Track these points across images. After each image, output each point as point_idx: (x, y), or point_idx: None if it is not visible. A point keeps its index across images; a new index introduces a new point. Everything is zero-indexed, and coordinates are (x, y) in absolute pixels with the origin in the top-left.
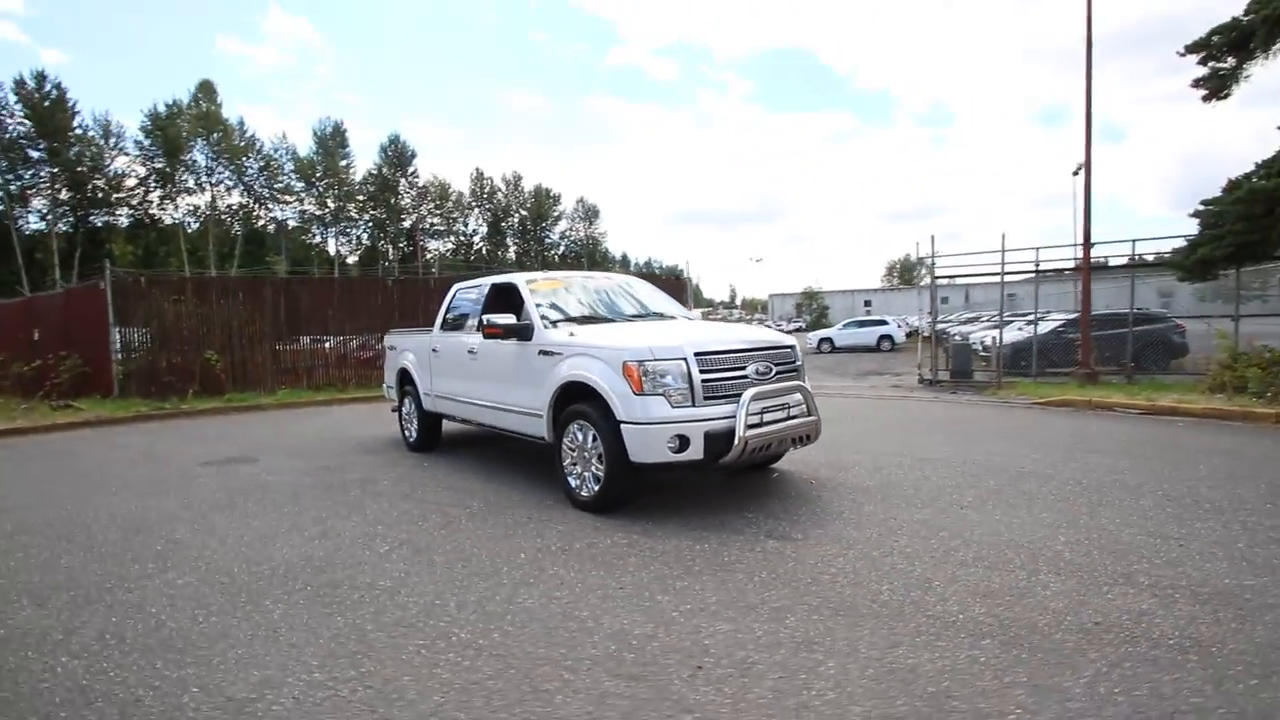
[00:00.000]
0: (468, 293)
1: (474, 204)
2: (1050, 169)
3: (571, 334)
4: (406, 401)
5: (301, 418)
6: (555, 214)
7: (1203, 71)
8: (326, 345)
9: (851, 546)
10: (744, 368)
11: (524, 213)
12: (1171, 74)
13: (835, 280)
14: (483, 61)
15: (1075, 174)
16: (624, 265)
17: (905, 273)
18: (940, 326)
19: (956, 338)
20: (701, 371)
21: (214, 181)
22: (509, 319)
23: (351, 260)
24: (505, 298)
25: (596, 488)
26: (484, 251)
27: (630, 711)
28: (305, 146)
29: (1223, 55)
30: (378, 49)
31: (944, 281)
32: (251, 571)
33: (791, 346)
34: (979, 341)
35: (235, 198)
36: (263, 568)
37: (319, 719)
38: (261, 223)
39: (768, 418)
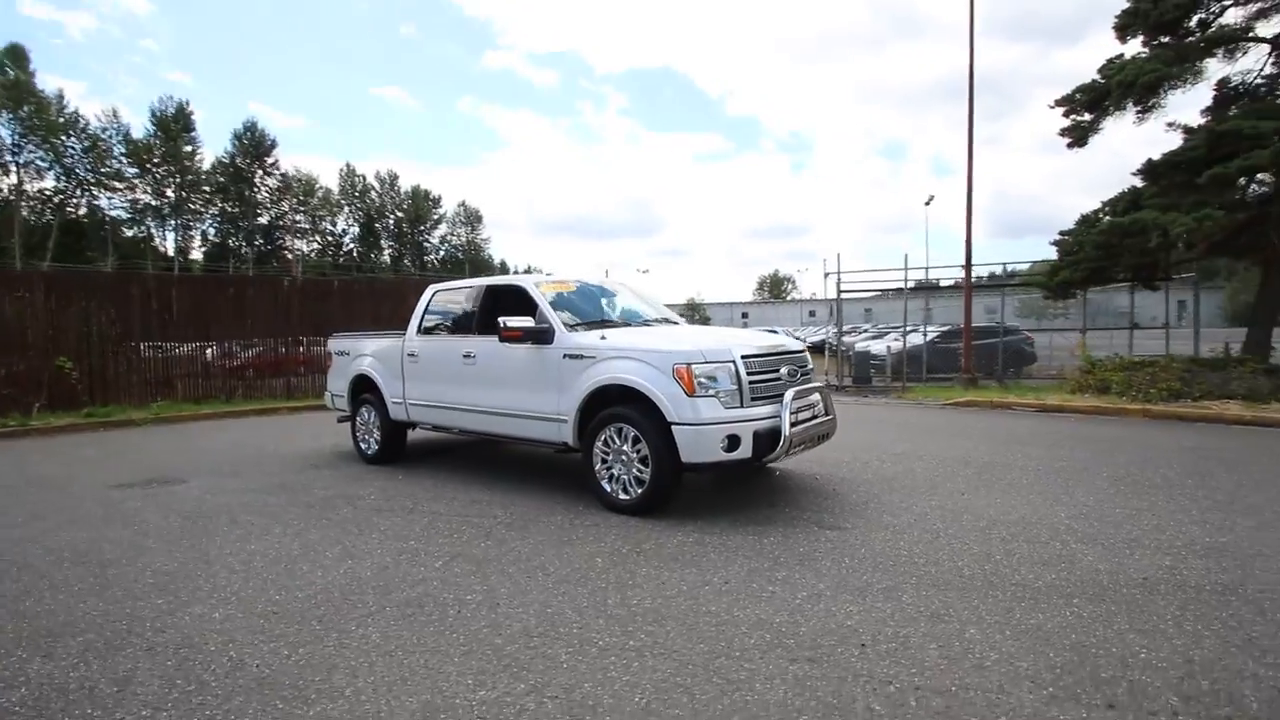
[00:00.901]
0: (452, 295)
1: (344, 202)
2: (891, 199)
3: (603, 337)
4: (365, 411)
5: (196, 433)
6: (435, 217)
7: (1066, 123)
8: (209, 352)
9: (900, 532)
10: (779, 370)
11: (400, 214)
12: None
13: (712, 293)
14: (348, 52)
15: (927, 204)
16: (504, 273)
17: (775, 287)
18: (820, 338)
19: (856, 348)
20: (748, 374)
21: (21, 161)
22: (527, 322)
23: (196, 257)
24: (504, 301)
25: (640, 491)
26: (355, 254)
27: (835, 688)
28: (140, 128)
29: (1083, 110)
30: (220, 26)
31: (847, 296)
32: (299, 598)
33: (806, 351)
34: (869, 350)
35: (50, 182)
36: (307, 593)
37: None
38: (82, 211)
39: (801, 416)
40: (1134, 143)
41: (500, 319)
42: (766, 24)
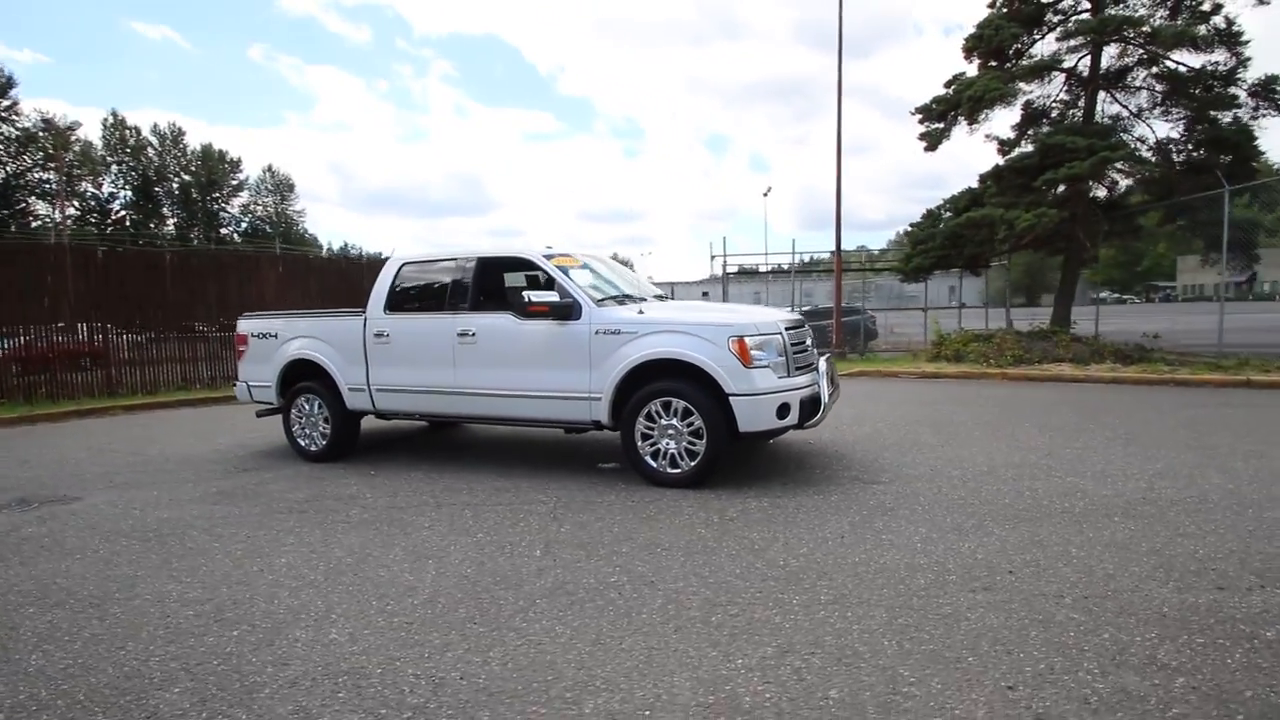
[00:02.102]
0: (429, 268)
1: (110, 160)
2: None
3: (641, 311)
4: (305, 401)
5: (11, 445)
6: (234, 183)
7: (925, 128)
8: None
9: (931, 481)
10: (805, 341)
11: (188, 178)
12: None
13: None
14: None
15: (765, 195)
16: (316, 249)
17: None
18: None
19: None
20: (790, 344)
21: None
22: (552, 296)
23: None
24: (499, 275)
25: (692, 463)
26: (129, 222)
27: (1027, 607)
28: None
29: (940, 119)
30: None
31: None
32: (416, 604)
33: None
34: None
35: None
36: (420, 598)
37: (829, 713)
38: None
39: (825, 383)
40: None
41: (526, 294)
42: (592, 3)
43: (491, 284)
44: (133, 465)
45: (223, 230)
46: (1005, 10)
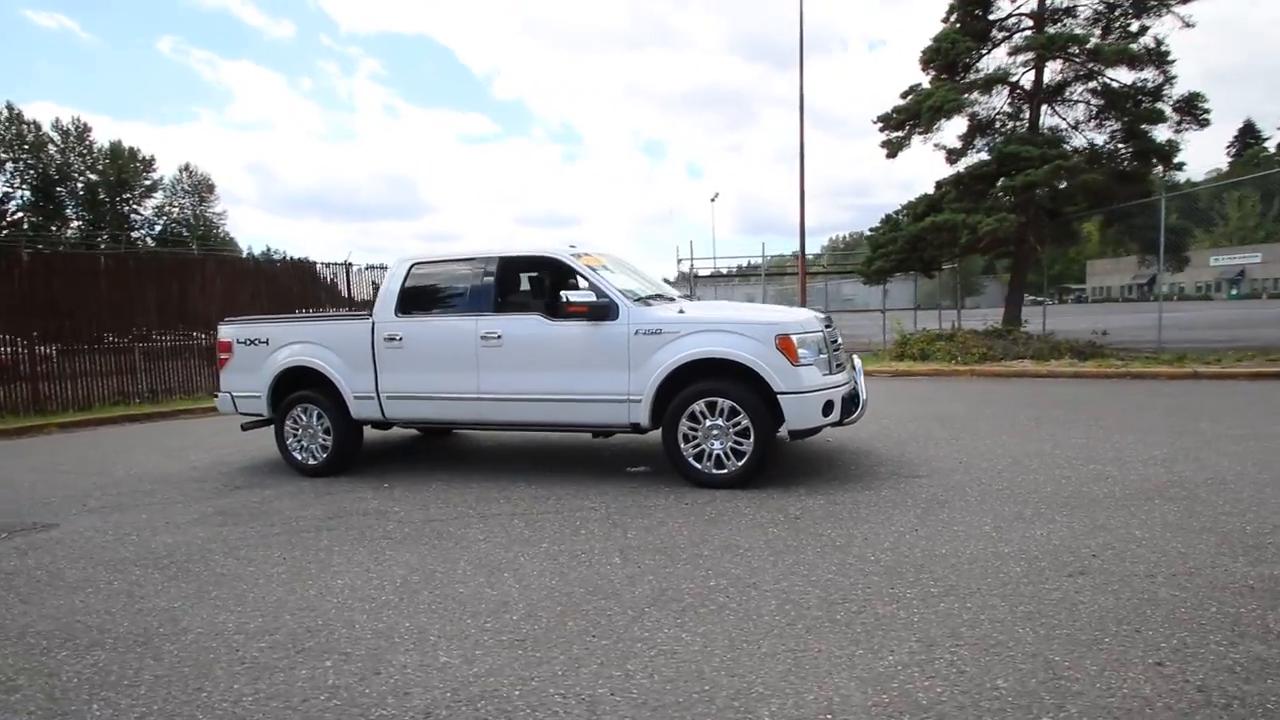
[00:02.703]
0: (444, 269)
1: (5, 156)
2: (654, 194)
3: (681, 311)
4: (303, 412)
5: None
6: (147, 183)
7: (885, 136)
8: None
9: (969, 473)
10: (837, 339)
11: (94, 177)
12: (731, 130)
13: None
14: None
15: (712, 200)
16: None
17: None
18: None
19: None
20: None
21: None
22: (590, 297)
23: None
24: (520, 276)
25: (740, 463)
26: (27, 224)
27: (1125, 587)
28: None
29: (900, 127)
30: None
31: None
32: (515, 619)
33: None
34: None
35: None
36: (518, 614)
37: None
38: None
39: (862, 380)
40: (840, 161)
41: (564, 294)
42: (526, 6)
43: (514, 284)
44: (101, 487)
45: (134, 234)
46: (959, 25)
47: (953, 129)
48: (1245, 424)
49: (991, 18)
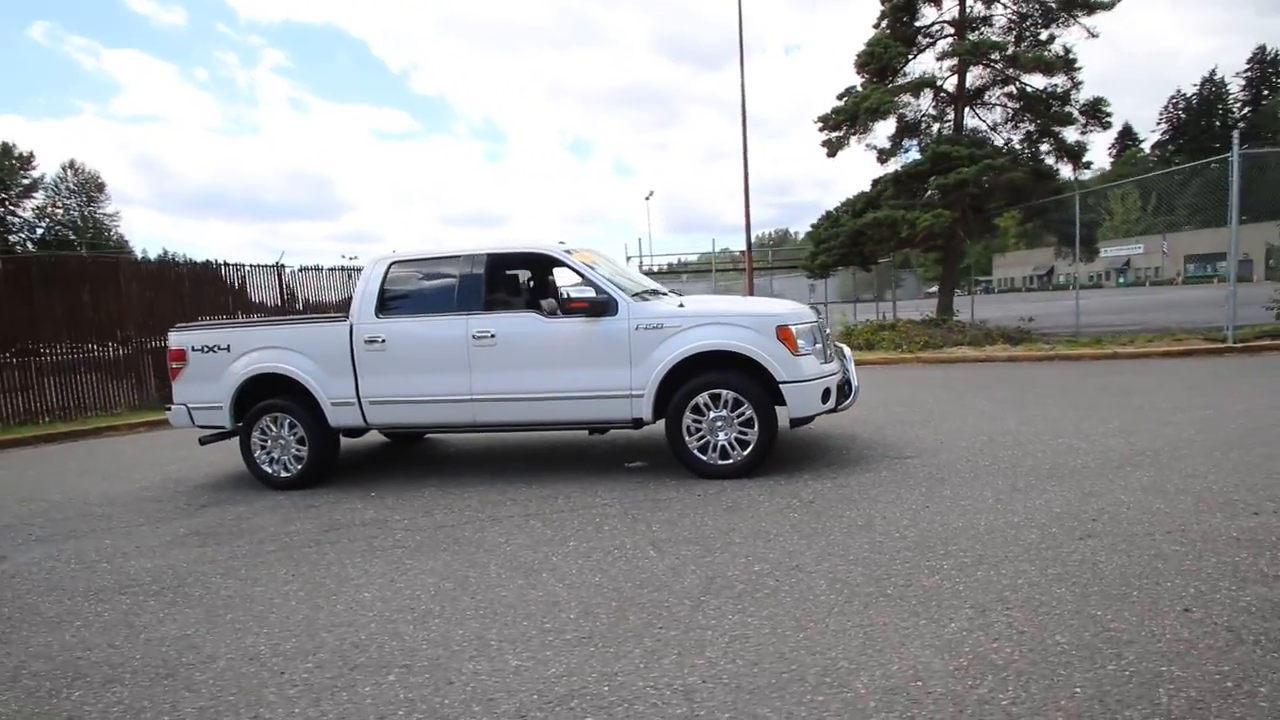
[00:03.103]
0: (426, 268)
1: None
2: (581, 192)
3: (681, 305)
4: (273, 422)
5: None
6: (25, 182)
7: (825, 136)
8: None
9: (952, 452)
10: (825, 330)
11: None
12: (657, 129)
13: None
14: None
15: (647, 199)
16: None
17: None
18: None
19: None
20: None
21: None
22: (589, 292)
23: None
24: (514, 272)
25: (745, 453)
26: None
27: (1135, 549)
28: None
29: (838, 128)
30: None
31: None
32: (572, 619)
33: None
34: None
35: None
36: (569, 614)
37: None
38: None
39: (853, 368)
40: (763, 161)
41: (564, 290)
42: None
43: (503, 282)
44: (41, 514)
45: (11, 238)
46: (889, 31)
47: (883, 130)
48: (1174, 398)
49: (917, 24)
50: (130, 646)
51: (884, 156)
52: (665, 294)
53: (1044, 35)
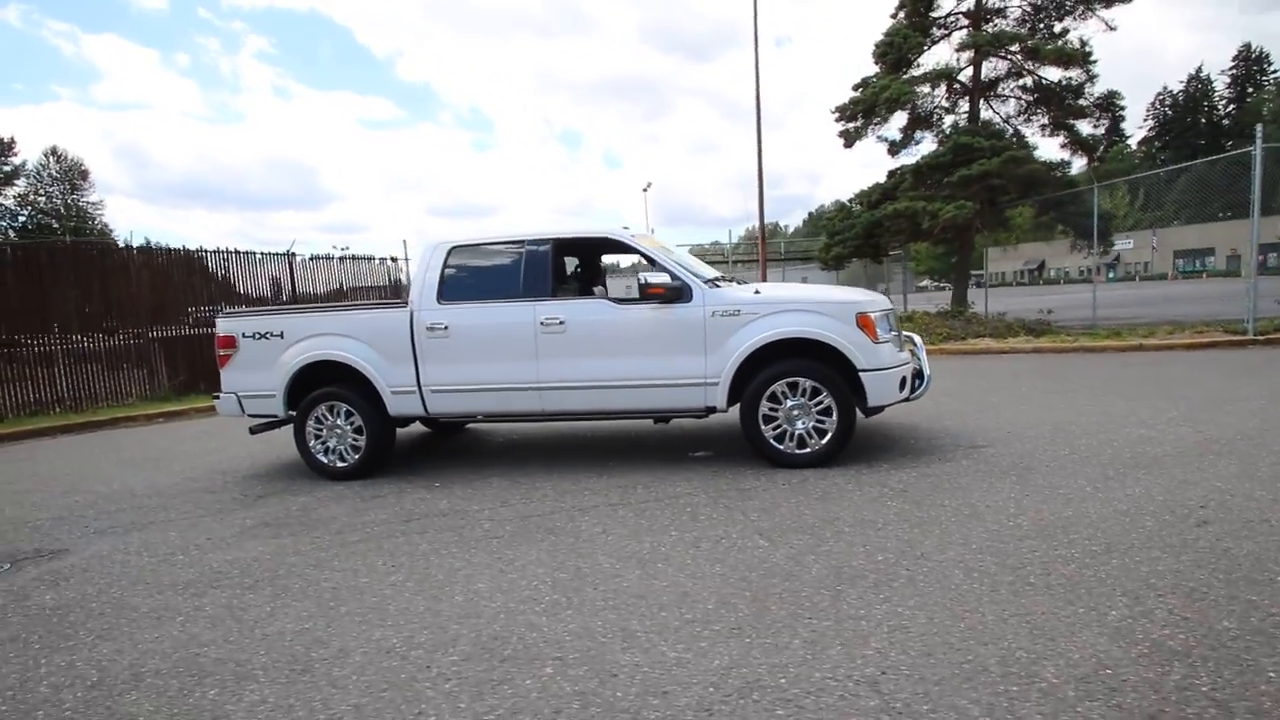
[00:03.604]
0: (490, 253)
1: None
2: (571, 183)
3: (757, 291)
4: (330, 411)
5: None
6: (7, 169)
7: (842, 127)
8: None
9: (1025, 440)
10: (894, 319)
11: None
12: (647, 121)
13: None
14: None
15: (645, 190)
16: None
17: None
18: None
19: None
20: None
21: None
22: (664, 278)
23: None
24: (579, 258)
25: (823, 441)
26: None
27: (1255, 536)
28: None
29: (855, 118)
30: None
31: None
32: (719, 613)
33: None
34: None
35: None
36: (706, 604)
37: None
38: None
39: (925, 357)
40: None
41: (641, 275)
42: None
43: (566, 267)
44: (91, 505)
45: None
46: (907, 22)
47: (895, 121)
48: (1218, 388)
49: (933, 15)
50: (248, 642)
51: (895, 149)
52: (732, 281)
53: (1058, 28)
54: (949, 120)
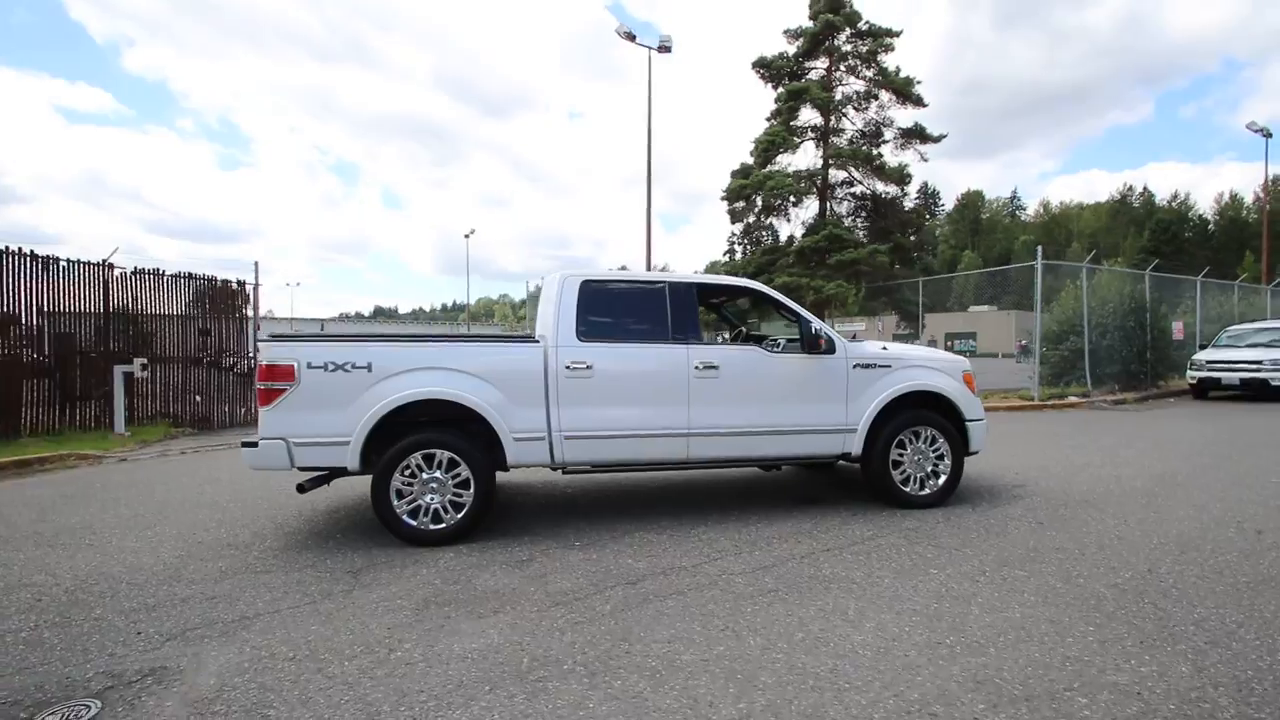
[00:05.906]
0: (625, 291)
1: None
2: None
3: (885, 348)
4: (423, 461)
5: None
6: None
7: (728, 206)
8: None
9: (1052, 481)
10: None
11: None
12: (436, 166)
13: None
14: None
15: (467, 237)
16: None
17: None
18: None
19: None
20: None
21: None
22: (823, 330)
23: None
24: (712, 304)
25: (939, 483)
26: None
27: None
28: None
29: (736, 200)
30: None
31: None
32: (1133, 647)
33: None
34: None
35: None
36: (1056, 650)
37: None
38: None
39: None
40: (540, 212)
41: (812, 325)
42: None
43: (705, 313)
44: (139, 586)
45: None
46: (780, 126)
47: (755, 205)
48: (1092, 440)
49: (793, 124)
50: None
51: (750, 230)
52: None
53: (879, 151)
54: (794, 213)
